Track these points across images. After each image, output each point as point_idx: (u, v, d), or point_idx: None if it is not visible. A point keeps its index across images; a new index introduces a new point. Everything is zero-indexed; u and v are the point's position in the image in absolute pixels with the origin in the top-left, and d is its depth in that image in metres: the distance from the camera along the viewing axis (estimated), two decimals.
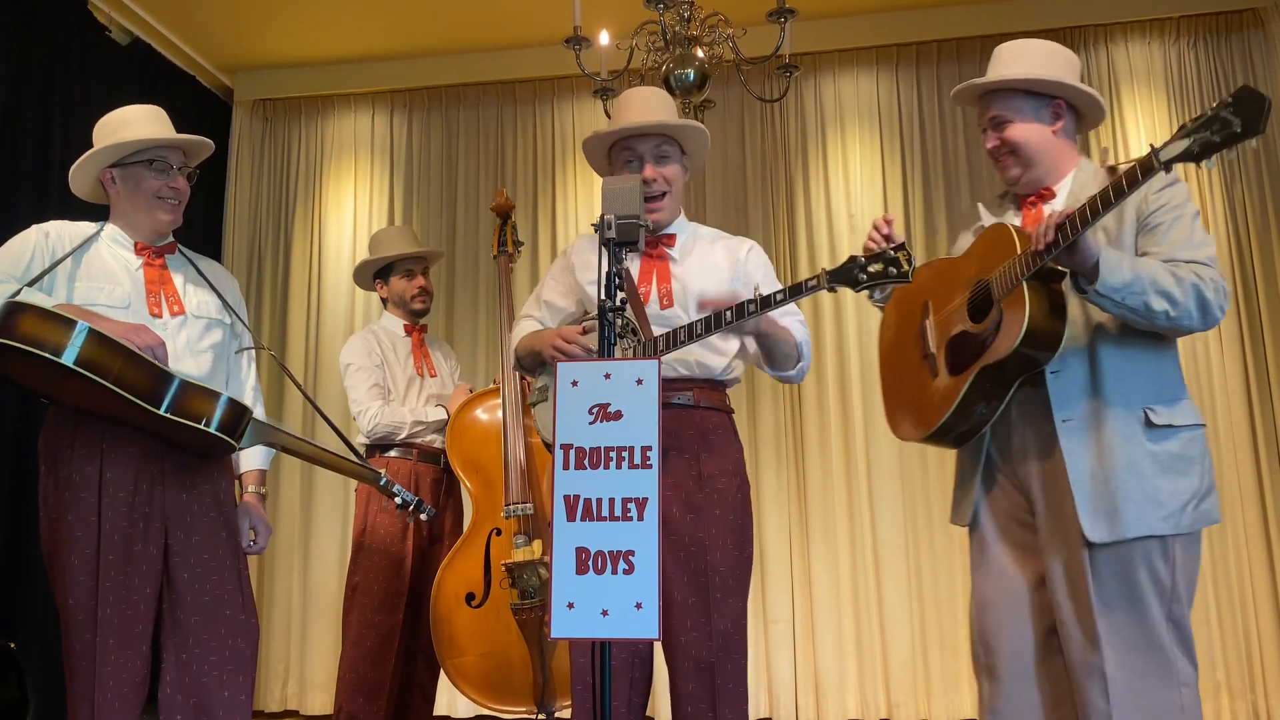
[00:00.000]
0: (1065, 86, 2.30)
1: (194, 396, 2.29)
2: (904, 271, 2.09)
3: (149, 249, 2.57)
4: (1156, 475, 2.12)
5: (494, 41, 5.46)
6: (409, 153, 5.69)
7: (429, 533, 3.52)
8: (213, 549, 2.46)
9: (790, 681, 4.83)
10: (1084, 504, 2.12)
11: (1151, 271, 2.06)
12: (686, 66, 3.73)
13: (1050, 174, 2.32)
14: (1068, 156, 2.34)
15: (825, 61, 5.36)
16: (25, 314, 2.14)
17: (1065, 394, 2.17)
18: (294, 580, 5.25)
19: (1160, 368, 2.21)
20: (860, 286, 2.14)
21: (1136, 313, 2.08)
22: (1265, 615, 4.51)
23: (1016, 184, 2.37)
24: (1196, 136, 1.82)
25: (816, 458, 5.02)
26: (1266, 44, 4.96)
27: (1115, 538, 2.11)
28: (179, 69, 5.41)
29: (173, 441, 2.40)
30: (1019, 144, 2.31)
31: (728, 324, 2.27)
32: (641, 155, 2.55)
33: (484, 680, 3.28)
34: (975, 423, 2.30)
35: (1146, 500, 2.11)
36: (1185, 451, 2.16)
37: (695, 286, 2.52)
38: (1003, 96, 2.32)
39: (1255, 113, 1.76)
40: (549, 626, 1.67)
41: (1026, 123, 2.30)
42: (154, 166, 2.55)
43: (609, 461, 1.68)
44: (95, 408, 2.33)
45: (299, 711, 5.12)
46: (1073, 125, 2.37)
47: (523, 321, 2.71)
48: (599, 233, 1.95)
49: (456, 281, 5.46)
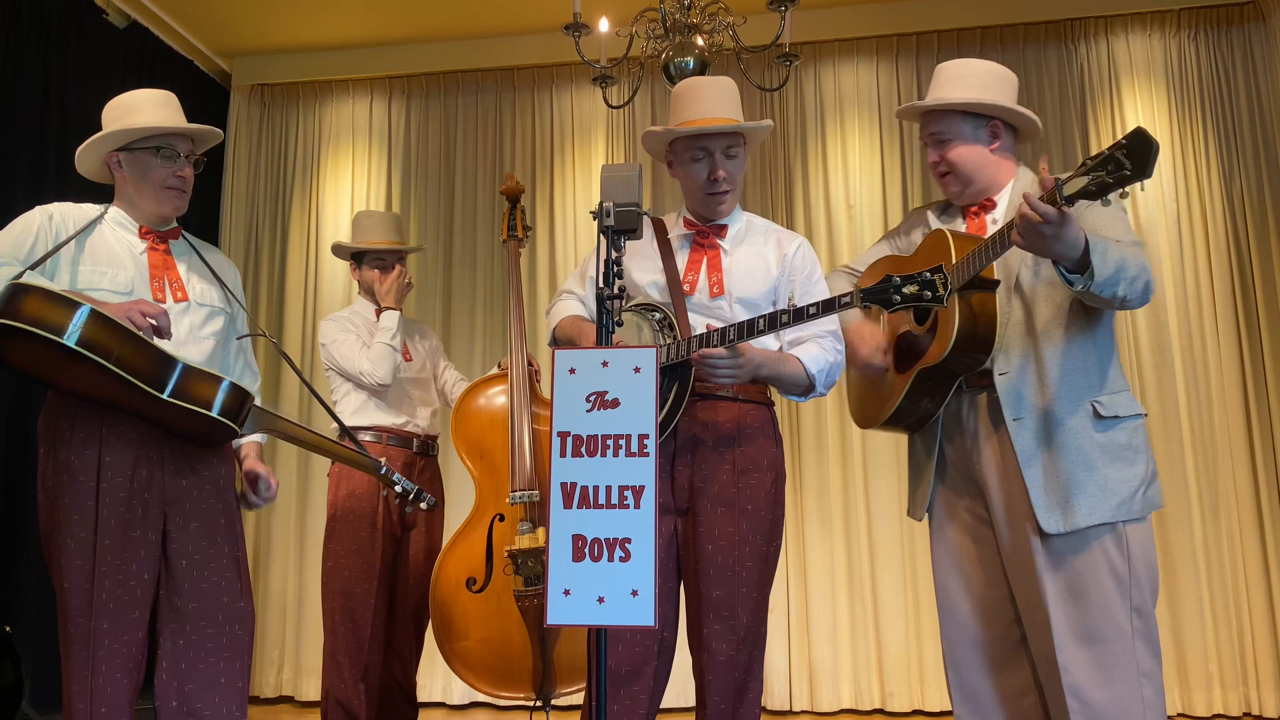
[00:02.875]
0: (1001, 108, 2.39)
1: (196, 381, 2.28)
2: (939, 295, 2.08)
3: (153, 233, 2.56)
4: (1106, 465, 2.20)
5: (493, 28, 5.44)
6: (407, 139, 5.67)
7: (402, 519, 3.49)
8: (211, 536, 2.45)
9: (785, 671, 4.85)
10: (1038, 497, 2.20)
11: (1123, 260, 2.11)
12: (686, 54, 3.72)
13: (989, 187, 2.42)
14: (1006, 169, 2.44)
15: (825, 51, 5.35)
16: (29, 295, 2.12)
17: (1014, 394, 2.26)
18: (289, 567, 5.26)
19: (1101, 362, 2.28)
20: (894, 308, 2.13)
21: (1100, 299, 2.14)
22: (1258, 608, 4.53)
23: (957, 199, 2.47)
24: (1094, 175, 1.92)
25: (812, 448, 5.03)
26: (1267, 36, 4.95)
27: (1069, 528, 2.18)
28: (176, 53, 5.39)
29: (173, 428, 2.39)
30: (957, 163, 2.41)
31: (760, 332, 2.27)
32: (713, 152, 2.50)
33: (483, 666, 3.28)
34: (922, 415, 2.42)
35: (1098, 490, 2.18)
36: (1131, 440, 2.24)
37: (743, 279, 2.51)
38: (942, 116, 2.42)
39: (1144, 156, 1.86)
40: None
41: (965, 143, 2.40)
42: (162, 154, 2.53)
43: (606, 449, 1.68)
44: (96, 393, 2.31)
45: (294, 697, 5.13)
46: (1010, 140, 2.46)
47: (565, 299, 2.67)
48: (598, 220, 1.95)
49: (454, 269, 5.45)
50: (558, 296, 2.73)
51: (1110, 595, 2.16)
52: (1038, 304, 2.28)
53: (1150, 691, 2.15)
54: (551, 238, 5.42)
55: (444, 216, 5.54)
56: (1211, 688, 4.49)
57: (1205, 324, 4.81)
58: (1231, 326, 4.79)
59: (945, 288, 2.08)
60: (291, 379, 5.35)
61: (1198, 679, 4.50)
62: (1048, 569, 2.19)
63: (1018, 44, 5.20)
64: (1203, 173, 4.95)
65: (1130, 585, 2.17)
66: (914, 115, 2.51)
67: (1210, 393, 4.73)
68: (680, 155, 2.55)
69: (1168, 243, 4.89)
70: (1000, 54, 5.18)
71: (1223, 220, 4.88)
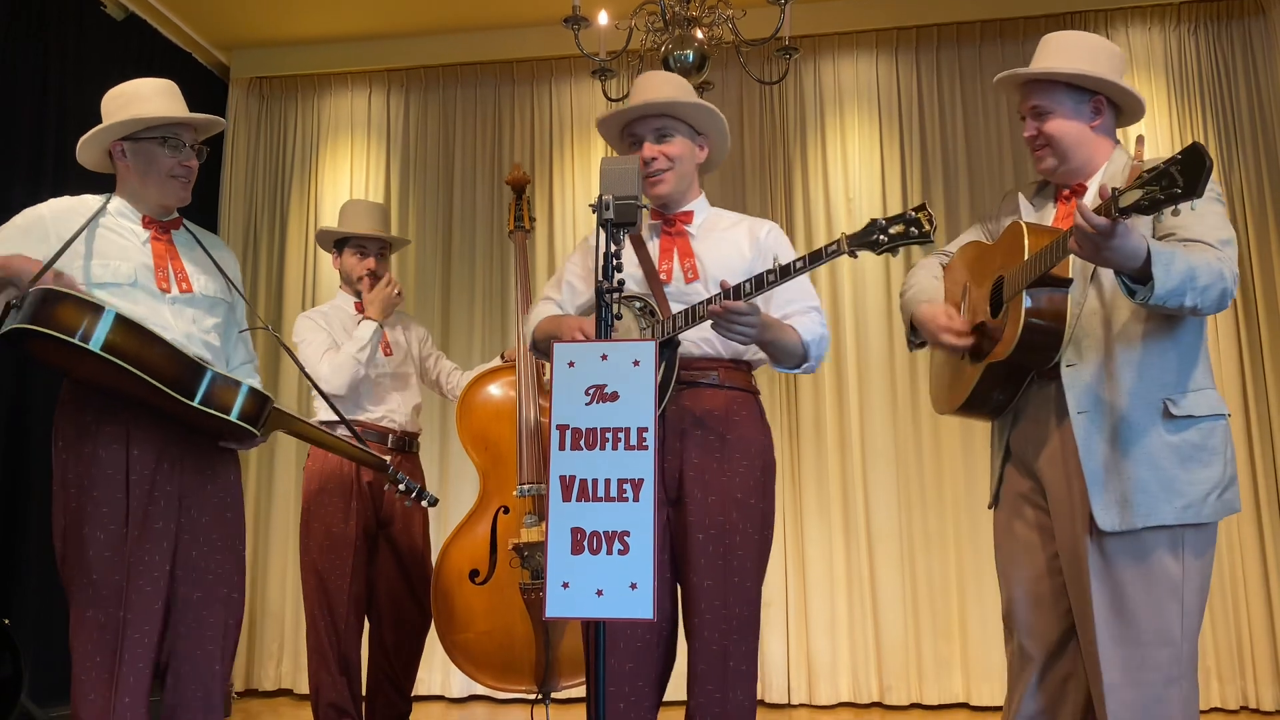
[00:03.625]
0: (1108, 84, 2.29)
1: (222, 387, 2.35)
2: (925, 232, 2.10)
3: (156, 223, 2.57)
4: (1175, 465, 2.12)
5: (492, 20, 5.43)
6: (406, 132, 5.66)
7: (379, 515, 3.48)
8: (219, 530, 2.52)
9: (783, 664, 4.86)
10: (1096, 494, 2.13)
11: (1192, 270, 2.02)
12: (685, 48, 3.72)
13: (1084, 167, 2.33)
14: (1103, 150, 2.34)
15: (825, 44, 5.34)
16: (59, 302, 2.16)
17: (1080, 387, 2.19)
18: (288, 560, 5.26)
19: (1181, 358, 2.20)
20: (882, 249, 2.14)
21: (1166, 309, 2.07)
22: (1255, 603, 4.54)
23: (1052, 174, 2.37)
24: (1148, 190, 1.84)
25: (811, 440, 5.03)
26: (1267, 30, 4.94)
27: (1125, 527, 2.11)
28: (175, 45, 5.38)
29: (195, 426, 2.43)
30: (1056, 137, 2.31)
31: (748, 295, 2.25)
32: (643, 136, 2.55)
33: (484, 658, 3.28)
34: (995, 404, 2.36)
35: (1163, 490, 2.11)
36: (1206, 441, 2.15)
37: (717, 262, 2.52)
38: (1044, 88, 2.32)
39: (1195, 175, 1.78)
40: None
41: (1066, 117, 2.31)
42: (167, 143, 2.53)
43: (605, 442, 1.68)
44: (122, 389, 2.35)
45: (292, 690, 5.14)
46: (1111, 121, 2.36)
47: (542, 304, 2.69)
48: (597, 213, 1.95)
49: (453, 262, 5.45)
50: (534, 304, 2.73)
51: (1160, 598, 2.11)
52: (1115, 297, 2.19)
53: (1189, 692, 2.13)
54: (550, 231, 5.42)
55: (443, 210, 5.54)
56: (1209, 682, 4.49)
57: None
58: (1230, 322, 4.79)
59: (931, 224, 2.07)
60: (290, 370, 5.34)
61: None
62: (1098, 567, 2.14)
63: (1018, 38, 5.19)
64: None
65: (1183, 589, 2.12)
66: (1013, 85, 2.41)
67: None
68: (624, 147, 2.62)
69: None
70: (1000, 48, 5.18)
71: None
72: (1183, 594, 2.12)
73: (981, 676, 4.67)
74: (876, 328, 5.07)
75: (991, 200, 5.08)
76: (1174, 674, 2.11)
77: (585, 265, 2.66)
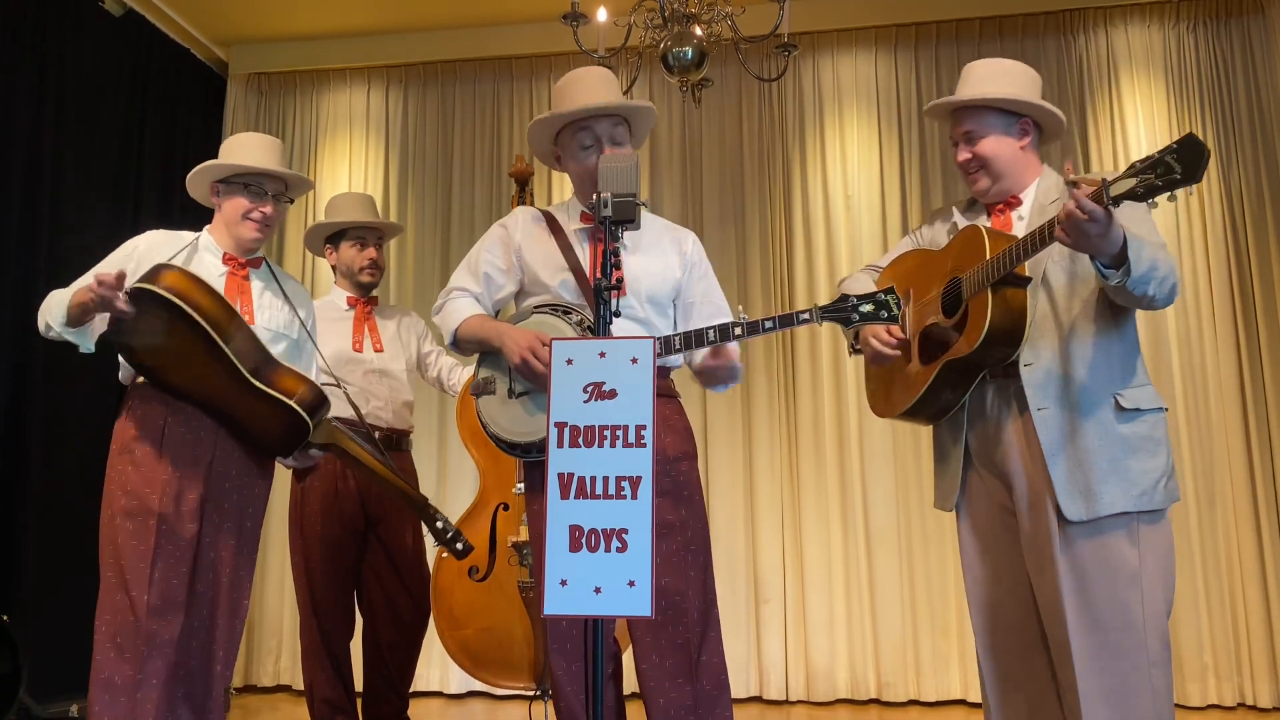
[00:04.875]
0: (1034, 106, 2.44)
1: (285, 374, 2.59)
2: (894, 314, 2.21)
3: (234, 260, 2.82)
4: (1128, 456, 2.25)
5: (491, 17, 5.42)
6: (405, 129, 5.66)
7: (368, 514, 3.47)
8: (238, 535, 2.69)
9: (781, 661, 4.86)
10: (1061, 485, 2.25)
11: (1155, 261, 2.15)
12: (684, 44, 3.71)
13: (1016, 184, 2.47)
14: (1033, 167, 2.49)
15: (824, 41, 5.34)
16: (167, 270, 2.48)
17: (1039, 385, 2.30)
18: (286, 558, 5.24)
19: (1125, 354, 2.33)
20: (851, 324, 2.24)
21: (1131, 297, 2.18)
22: (1253, 600, 4.55)
23: (985, 195, 2.50)
24: (1142, 177, 1.96)
25: (809, 438, 5.03)
26: (1266, 29, 4.94)
27: (1091, 515, 2.23)
28: (173, 42, 5.37)
29: (247, 427, 2.64)
30: (989, 158, 2.45)
31: (710, 343, 2.32)
32: (600, 136, 2.52)
33: (483, 655, 3.29)
34: (942, 406, 2.47)
35: (1119, 480, 2.23)
36: (1152, 433, 2.29)
37: (645, 277, 2.53)
38: (975, 113, 2.47)
39: (1195, 162, 1.91)
40: None
41: (997, 138, 2.45)
42: (249, 189, 2.81)
43: (603, 440, 1.68)
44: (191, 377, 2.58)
45: (290, 686, 5.14)
46: (1037, 139, 2.50)
47: (458, 297, 2.64)
48: (595, 211, 1.95)
49: (451, 258, 5.44)
50: (445, 295, 2.67)
51: (1120, 585, 2.21)
52: (1064, 298, 2.32)
53: (1160, 680, 2.19)
54: None
55: (441, 205, 5.53)
56: (1206, 679, 4.50)
57: (1202, 318, 4.81)
58: (1229, 320, 4.80)
59: (898, 307, 2.21)
60: None
61: (1193, 670, 4.52)
62: (1064, 556, 2.24)
63: (1016, 35, 5.19)
64: None
65: (1141, 575, 2.22)
66: (943, 114, 2.57)
67: (1207, 386, 4.74)
68: (568, 146, 2.57)
69: (1164, 236, 4.88)
70: (999, 45, 5.17)
71: (1220, 213, 4.88)
72: (1141, 581, 2.22)
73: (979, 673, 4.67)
74: None
75: None
76: (1140, 661, 2.19)
77: (505, 258, 2.62)
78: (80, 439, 4.28)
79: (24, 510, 4.17)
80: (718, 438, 5.06)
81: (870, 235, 5.10)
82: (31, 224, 4.31)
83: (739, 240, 5.25)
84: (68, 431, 4.35)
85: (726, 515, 5.00)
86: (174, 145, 5.27)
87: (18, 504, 4.17)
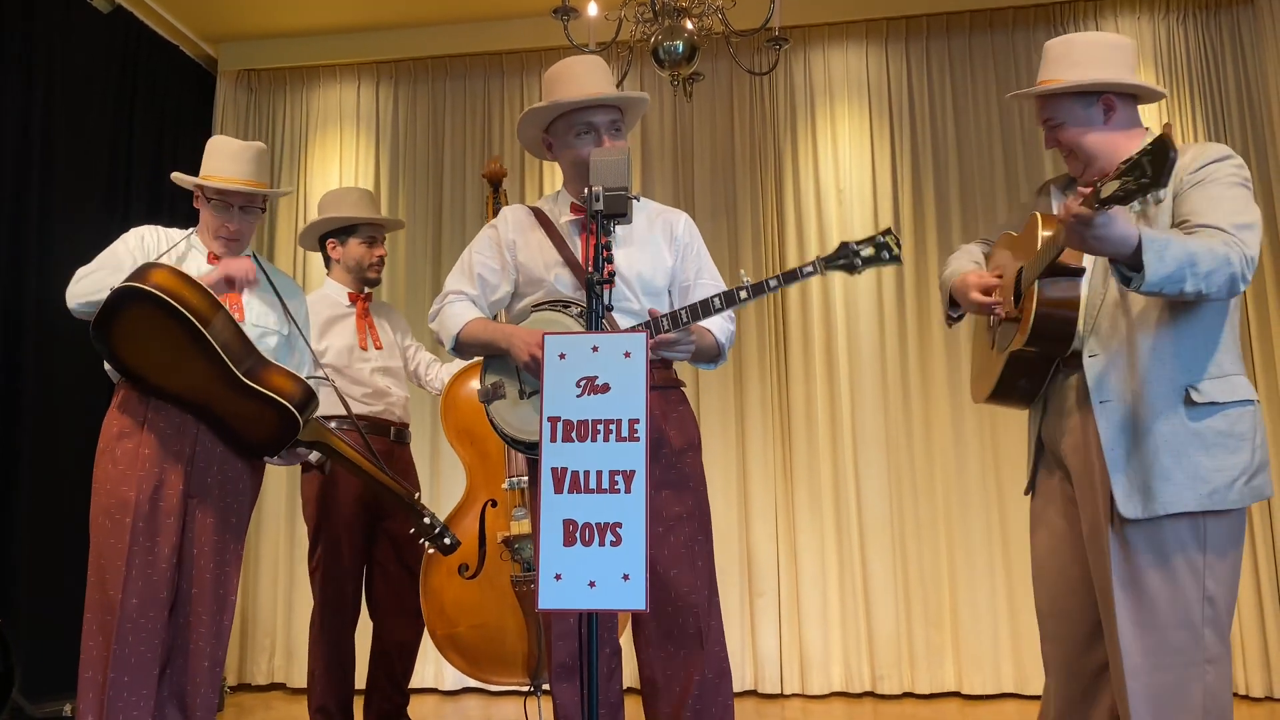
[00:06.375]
0: (1105, 84, 2.31)
1: (274, 372, 2.61)
2: (895, 254, 2.18)
3: (219, 260, 2.84)
4: (1199, 453, 2.15)
5: (481, 12, 5.41)
6: (395, 125, 5.64)
7: (375, 509, 3.48)
8: (223, 532, 2.69)
9: (775, 654, 4.87)
10: (1118, 481, 2.17)
11: (1191, 255, 2.04)
12: (675, 38, 3.70)
13: (1109, 162, 2.34)
14: (1127, 142, 2.34)
15: (815, 35, 5.34)
16: (156, 268, 2.50)
17: (1102, 377, 2.23)
18: (280, 554, 5.25)
19: (1203, 345, 2.22)
20: (855, 270, 2.20)
21: (1167, 295, 2.10)
22: (1245, 592, 4.56)
23: (1081, 176, 2.40)
24: (1123, 180, 1.89)
25: (803, 431, 5.03)
26: (1255, 20, 4.95)
27: (1147, 514, 2.14)
28: (162, 38, 5.35)
29: (235, 428, 2.66)
30: (1073, 146, 2.36)
31: (717, 310, 2.30)
32: (598, 127, 2.50)
33: (475, 652, 3.28)
34: (1022, 392, 2.42)
35: (1186, 478, 2.14)
36: (1233, 428, 2.17)
37: (637, 269, 2.52)
38: (1050, 101, 2.36)
39: (1160, 165, 1.83)
40: None
41: (1077, 124, 2.34)
42: (212, 205, 2.85)
43: (596, 434, 1.68)
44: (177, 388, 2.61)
45: (285, 684, 5.13)
46: (1128, 112, 2.36)
47: (455, 300, 2.60)
48: (587, 205, 1.94)
49: (443, 255, 5.43)
50: (441, 299, 2.63)
51: (1182, 583, 2.14)
52: None
53: (1214, 679, 2.14)
54: None
55: (432, 202, 5.52)
56: None
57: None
58: None
59: (898, 246, 2.15)
60: None
61: None
62: (1119, 553, 2.17)
63: (1007, 27, 5.19)
64: None
65: (1205, 574, 2.15)
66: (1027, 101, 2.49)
67: None
68: (562, 135, 2.55)
69: None
70: (990, 38, 5.18)
71: None
72: (1204, 580, 2.14)
73: (973, 665, 4.70)
74: (868, 319, 5.07)
75: (981, 189, 5.09)
76: (1195, 659, 2.13)
77: (499, 259, 2.61)
78: (73, 437, 4.26)
79: (17, 509, 4.16)
80: (711, 430, 5.06)
81: (862, 228, 5.09)
82: (20, 221, 4.29)
83: (730, 234, 5.25)
84: (60, 429, 4.34)
85: (720, 508, 4.98)
86: (163, 142, 5.25)
87: (10, 503, 4.15)
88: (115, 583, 2.51)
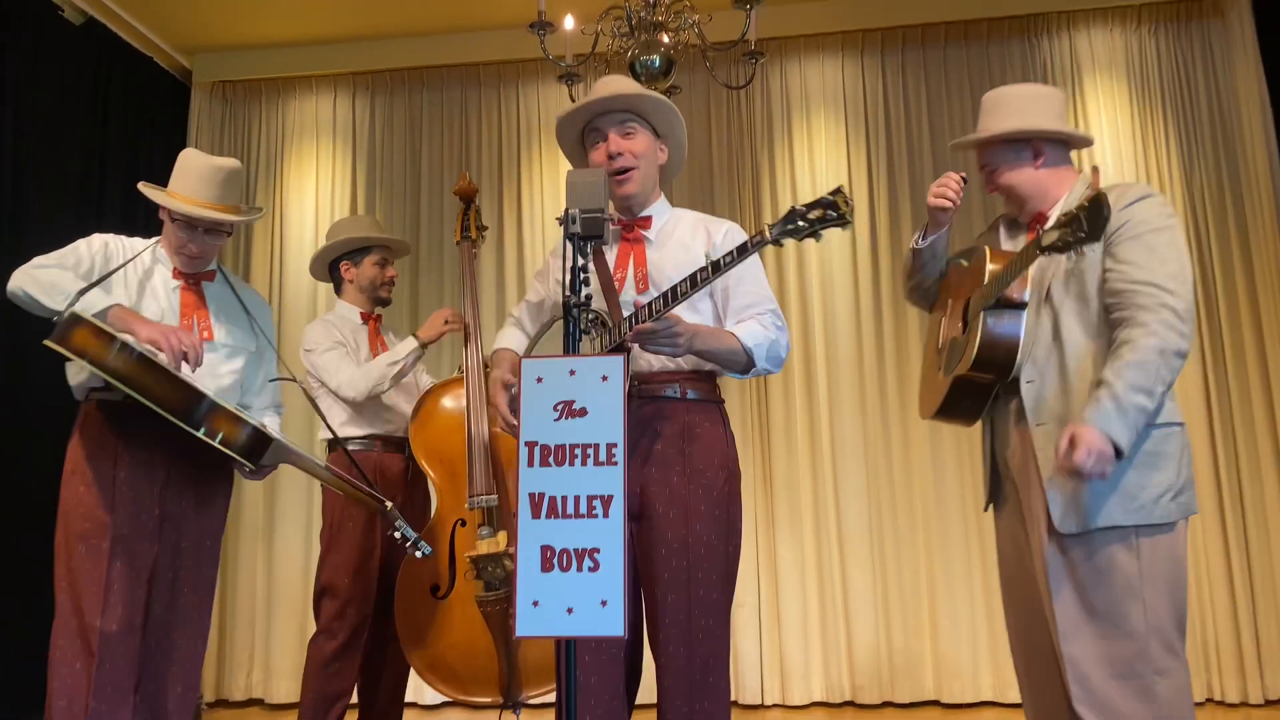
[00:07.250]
0: (1032, 131, 2.50)
1: (222, 418, 2.48)
2: (842, 214, 2.11)
3: (185, 276, 2.82)
4: (1129, 470, 2.27)
5: (457, 24, 5.40)
6: (371, 136, 5.62)
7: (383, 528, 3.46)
8: (197, 554, 2.69)
9: (756, 664, 4.87)
10: (1055, 500, 2.30)
11: (1136, 394, 2.20)
12: (652, 52, 3.71)
13: (1042, 202, 2.52)
14: (1059, 182, 2.52)
15: (791, 47, 5.36)
16: (78, 326, 2.39)
17: (1038, 401, 2.37)
18: (258, 570, 5.21)
19: None
20: (803, 235, 2.14)
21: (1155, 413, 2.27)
22: (1219, 595, 4.60)
23: (1020, 215, 2.58)
24: (1062, 232, 2.08)
25: (782, 443, 5.04)
26: (1225, 32, 5.01)
27: (1081, 529, 2.28)
28: (135, 50, 5.30)
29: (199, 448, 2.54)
30: (1008, 188, 2.55)
31: (684, 295, 2.23)
32: (607, 132, 2.51)
33: (450, 672, 3.26)
34: (965, 412, 2.58)
35: (1115, 494, 2.26)
36: (1159, 448, 2.30)
37: (671, 273, 2.46)
38: (988, 147, 2.57)
39: (1095, 221, 2.03)
40: (514, 619, 1.66)
41: (1010, 168, 2.53)
42: (177, 223, 2.79)
43: (574, 459, 1.68)
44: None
45: (264, 700, 5.09)
46: (1058, 153, 2.54)
47: (508, 325, 2.75)
48: (563, 227, 1.94)
49: (421, 269, 5.41)
50: (507, 319, 2.78)
51: (1118, 595, 2.24)
52: (1066, 316, 2.37)
53: (1166, 689, 2.21)
54: (519, 236, 5.40)
55: (410, 214, 5.50)
56: None
57: None
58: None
59: (848, 204, 2.12)
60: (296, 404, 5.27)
61: None
62: (1058, 567, 2.30)
63: (981, 39, 5.23)
64: (1164, 166, 5.01)
65: (1143, 586, 2.24)
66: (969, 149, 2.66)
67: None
68: (589, 147, 2.58)
69: None
70: (965, 50, 5.22)
71: (1183, 213, 4.93)
72: (1142, 592, 2.24)
73: (952, 674, 4.71)
74: (846, 331, 5.09)
75: None
76: (1141, 670, 2.21)
77: (544, 285, 2.67)
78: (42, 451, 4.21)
79: None
80: None
81: (838, 240, 5.12)
82: None
83: None
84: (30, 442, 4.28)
85: None
86: (138, 154, 5.20)
87: None
88: (93, 609, 2.46)
